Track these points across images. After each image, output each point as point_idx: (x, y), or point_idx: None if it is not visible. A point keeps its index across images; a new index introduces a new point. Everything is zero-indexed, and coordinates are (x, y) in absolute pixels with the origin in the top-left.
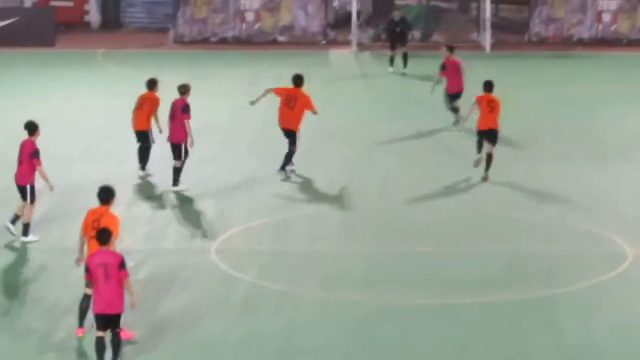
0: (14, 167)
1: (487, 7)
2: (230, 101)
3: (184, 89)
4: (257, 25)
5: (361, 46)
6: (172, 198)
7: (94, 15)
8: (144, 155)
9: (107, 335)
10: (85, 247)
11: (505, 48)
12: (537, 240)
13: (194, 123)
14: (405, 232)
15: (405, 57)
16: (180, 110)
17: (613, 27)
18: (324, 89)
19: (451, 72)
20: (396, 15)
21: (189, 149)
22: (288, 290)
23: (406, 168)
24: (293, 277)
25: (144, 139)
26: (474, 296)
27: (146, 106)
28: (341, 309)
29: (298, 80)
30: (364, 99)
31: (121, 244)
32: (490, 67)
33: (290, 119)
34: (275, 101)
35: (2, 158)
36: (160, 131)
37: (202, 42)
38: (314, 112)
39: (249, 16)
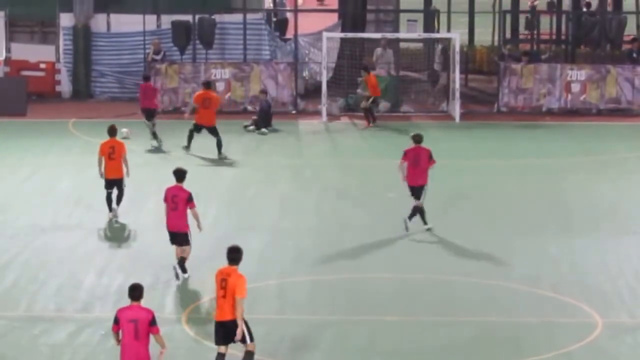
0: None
1: (457, 78)
2: (199, 169)
3: (420, 138)
4: (227, 95)
5: (331, 116)
6: (142, 267)
7: (65, 85)
8: (118, 199)
9: None
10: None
11: (474, 118)
12: (505, 308)
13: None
14: (373, 300)
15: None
16: (428, 157)
17: (582, 97)
18: (294, 158)
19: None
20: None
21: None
22: (257, 358)
23: (374, 237)
24: (262, 346)
25: (121, 185)
26: None
27: (117, 154)
28: None
29: (208, 85)
30: (333, 168)
31: (92, 312)
32: (460, 137)
33: (210, 117)
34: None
35: None
36: (128, 175)
37: (173, 111)
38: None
39: (220, 86)
